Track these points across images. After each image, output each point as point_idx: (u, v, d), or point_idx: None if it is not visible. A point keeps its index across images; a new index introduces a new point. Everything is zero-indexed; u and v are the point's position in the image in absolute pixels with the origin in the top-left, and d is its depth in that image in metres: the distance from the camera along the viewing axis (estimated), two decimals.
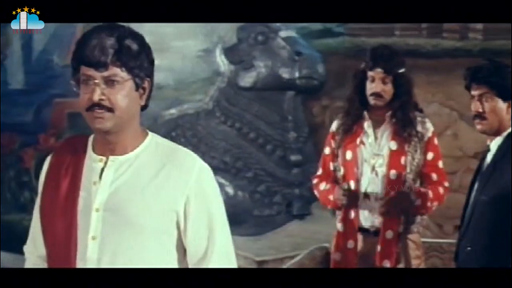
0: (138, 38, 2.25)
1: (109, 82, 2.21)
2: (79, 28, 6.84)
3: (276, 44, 6.24)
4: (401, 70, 4.02)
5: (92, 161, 2.32)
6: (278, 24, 6.25)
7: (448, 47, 5.68)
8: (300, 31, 6.24)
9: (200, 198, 2.27)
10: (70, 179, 2.30)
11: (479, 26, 5.78)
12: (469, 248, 3.60)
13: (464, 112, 5.79)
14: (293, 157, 6.29)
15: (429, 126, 4.06)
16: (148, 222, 2.23)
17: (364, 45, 6.08)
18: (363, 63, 4.06)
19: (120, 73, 2.21)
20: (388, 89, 3.99)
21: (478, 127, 3.67)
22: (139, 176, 2.28)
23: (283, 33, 6.24)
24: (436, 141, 4.06)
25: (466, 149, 5.58)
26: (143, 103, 2.30)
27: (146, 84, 2.27)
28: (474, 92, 3.65)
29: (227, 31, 6.39)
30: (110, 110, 2.22)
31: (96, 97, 2.20)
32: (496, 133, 3.65)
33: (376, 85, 3.98)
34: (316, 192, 4.22)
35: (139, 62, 2.23)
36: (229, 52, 6.38)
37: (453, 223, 5.74)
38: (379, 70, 3.97)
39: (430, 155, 4.03)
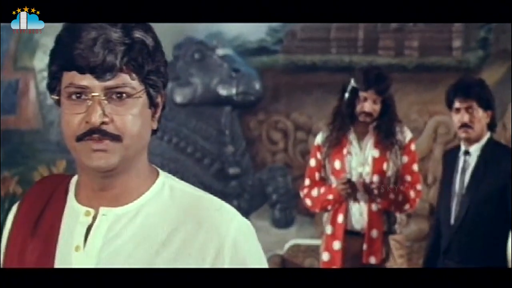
0: (151, 30, 1.56)
1: (114, 95, 1.50)
2: (12, 47, 6.85)
3: (213, 61, 6.38)
4: (390, 91, 4.32)
5: (74, 214, 1.58)
6: (214, 42, 6.43)
7: (383, 63, 5.84)
8: (236, 49, 6.43)
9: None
10: (41, 241, 1.58)
11: (415, 43, 6.04)
12: (464, 238, 4.07)
13: None
14: (231, 170, 6.45)
15: (407, 134, 4.37)
16: None
17: (299, 62, 6.36)
18: (351, 80, 4.30)
19: (130, 82, 1.51)
20: (377, 108, 4.28)
21: (463, 135, 4.12)
22: (145, 239, 1.54)
23: (220, 51, 6.39)
24: (413, 147, 4.38)
25: None
26: (155, 126, 1.59)
27: (159, 99, 1.57)
28: (461, 105, 4.08)
29: (163, 49, 6.51)
30: (116, 138, 1.50)
31: (97, 119, 1.48)
32: (476, 140, 4.12)
33: (368, 105, 4.25)
34: (308, 201, 4.42)
35: (156, 65, 1.53)
36: None
37: None
38: (371, 91, 4.24)
39: (405, 159, 4.34)
